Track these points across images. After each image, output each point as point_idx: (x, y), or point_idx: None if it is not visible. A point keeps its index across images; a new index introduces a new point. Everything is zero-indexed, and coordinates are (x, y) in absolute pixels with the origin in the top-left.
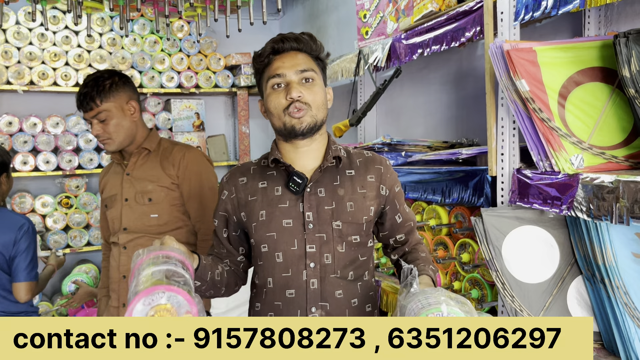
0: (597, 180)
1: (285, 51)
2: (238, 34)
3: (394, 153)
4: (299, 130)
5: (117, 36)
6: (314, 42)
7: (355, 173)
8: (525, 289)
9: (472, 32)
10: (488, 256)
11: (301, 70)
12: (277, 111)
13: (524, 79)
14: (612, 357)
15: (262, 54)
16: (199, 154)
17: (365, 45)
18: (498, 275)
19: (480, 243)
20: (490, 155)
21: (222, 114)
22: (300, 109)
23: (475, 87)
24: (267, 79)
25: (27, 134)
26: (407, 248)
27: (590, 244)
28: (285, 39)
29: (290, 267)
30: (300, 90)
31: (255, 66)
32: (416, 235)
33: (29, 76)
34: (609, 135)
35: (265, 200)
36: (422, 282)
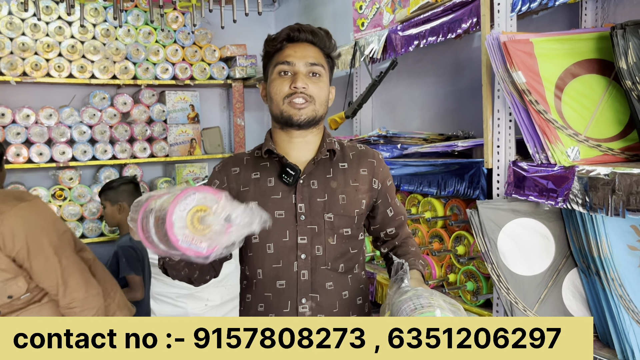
0: (593, 173)
1: (300, 41)
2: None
3: (389, 145)
4: (296, 121)
5: (111, 27)
6: (328, 40)
7: (348, 166)
8: (520, 282)
9: (468, 23)
10: (483, 248)
11: (311, 63)
12: (278, 97)
13: (521, 71)
14: (606, 349)
15: (276, 38)
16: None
17: (361, 36)
18: (493, 268)
19: (476, 235)
20: (486, 148)
21: (217, 106)
22: (304, 100)
23: (471, 79)
24: (275, 63)
25: (20, 126)
26: (397, 242)
27: (586, 236)
28: (302, 29)
29: (281, 258)
30: (306, 82)
31: (266, 49)
32: (406, 229)
33: (22, 67)
34: (605, 128)
35: (258, 191)
36: (413, 277)
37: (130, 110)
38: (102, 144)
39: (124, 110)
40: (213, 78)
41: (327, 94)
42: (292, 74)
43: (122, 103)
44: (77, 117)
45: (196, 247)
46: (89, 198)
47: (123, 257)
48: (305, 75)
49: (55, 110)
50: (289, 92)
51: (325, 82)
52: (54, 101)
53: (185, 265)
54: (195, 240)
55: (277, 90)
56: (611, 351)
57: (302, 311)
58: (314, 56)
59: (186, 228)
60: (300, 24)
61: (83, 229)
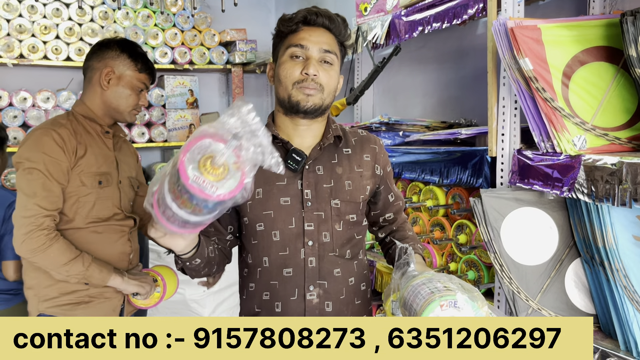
0: (599, 162)
1: (316, 25)
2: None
3: (391, 133)
4: (303, 108)
5: (109, 9)
6: (344, 28)
7: (351, 152)
8: (523, 271)
9: (474, 9)
10: (486, 237)
11: (325, 50)
12: (287, 82)
13: (528, 58)
14: (609, 340)
15: (291, 18)
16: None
17: (364, 22)
18: (496, 257)
19: (479, 224)
20: (491, 136)
21: (216, 91)
22: (313, 87)
23: (474, 66)
24: (287, 45)
25: (17, 109)
26: (395, 226)
27: (591, 226)
28: (319, 14)
29: (287, 245)
30: (317, 69)
31: (280, 29)
32: (403, 214)
33: (19, 49)
34: (612, 116)
35: (262, 177)
36: (417, 261)
37: None
38: None
39: None
40: (212, 63)
41: (336, 83)
42: (305, 58)
43: None
44: (75, 100)
45: (209, 190)
46: None
47: None
48: (317, 62)
49: (53, 93)
50: (300, 77)
51: (336, 70)
52: (51, 84)
53: (206, 265)
54: (206, 183)
55: (288, 73)
56: (614, 342)
57: (309, 298)
58: (328, 43)
59: (198, 170)
60: (317, 8)
61: None
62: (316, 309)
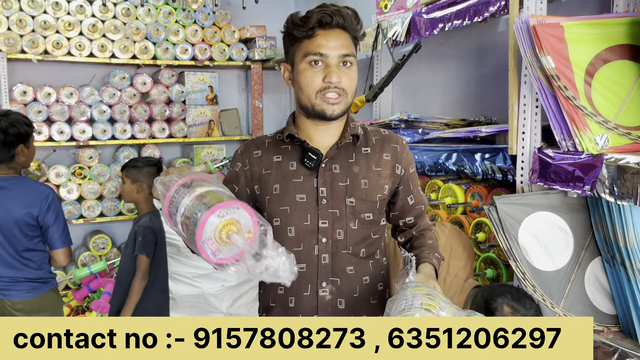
0: (622, 161)
1: (331, 27)
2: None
3: (410, 130)
4: (330, 117)
5: (132, 6)
6: (357, 22)
7: (370, 151)
8: (544, 277)
9: (496, 6)
10: (505, 246)
11: (344, 54)
12: (309, 90)
13: (550, 56)
14: (629, 340)
15: (306, 22)
16: None
17: (384, 19)
18: (518, 266)
19: (497, 232)
20: (511, 134)
21: (235, 87)
22: (338, 95)
23: (495, 64)
24: (305, 53)
25: (41, 104)
26: (415, 232)
27: (612, 226)
28: (333, 14)
29: (302, 241)
30: (339, 76)
31: (294, 32)
32: (425, 220)
33: (43, 45)
34: (635, 115)
35: (280, 174)
36: (424, 270)
37: (150, 90)
38: (122, 123)
39: (143, 90)
40: (232, 59)
41: (356, 82)
42: (325, 65)
43: (142, 83)
44: (97, 96)
45: (210, 251)
46: (108, 177)
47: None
48: (337, 67)
49: (76, 89)
50: (322, 85)
51: (355, 69)
52: (74, 80)
53: None
54: (212, 245)
55: (309, 82)
56: (634, 342)
57: (322, 294)
58: (346, 45)
59: (213, 232)
60: (327, 5)
61: (102, 208)
62: (329, 305)
